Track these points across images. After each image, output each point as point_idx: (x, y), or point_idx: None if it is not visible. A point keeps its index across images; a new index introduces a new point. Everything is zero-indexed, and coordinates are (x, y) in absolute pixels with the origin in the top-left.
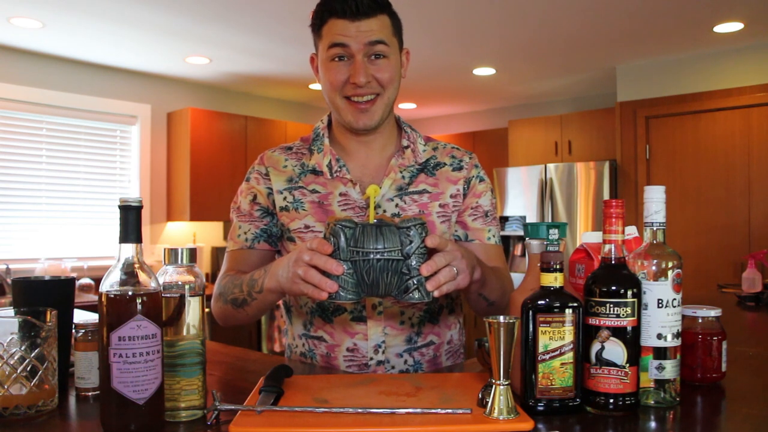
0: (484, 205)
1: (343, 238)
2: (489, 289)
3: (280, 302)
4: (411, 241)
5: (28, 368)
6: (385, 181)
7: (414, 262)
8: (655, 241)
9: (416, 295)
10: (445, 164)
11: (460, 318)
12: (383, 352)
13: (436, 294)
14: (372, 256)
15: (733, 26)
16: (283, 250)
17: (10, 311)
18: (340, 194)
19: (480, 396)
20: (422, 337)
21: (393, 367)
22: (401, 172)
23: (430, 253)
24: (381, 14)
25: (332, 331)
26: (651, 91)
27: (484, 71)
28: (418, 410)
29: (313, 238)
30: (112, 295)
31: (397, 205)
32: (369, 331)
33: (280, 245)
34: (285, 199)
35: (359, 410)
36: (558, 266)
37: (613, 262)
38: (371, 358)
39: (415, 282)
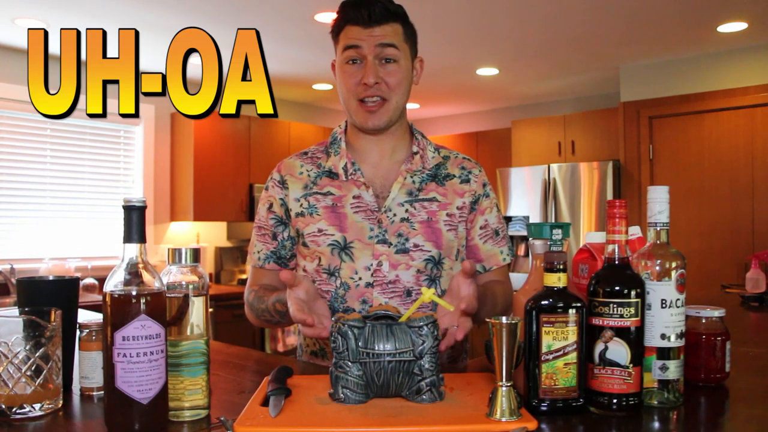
0: (491, 223)
1: (353, 340)
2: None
3: None
4: (423, 341)
5: (33, 368)
6: (394, 185)
7: (427, 363)
8: (658, 242)
9: (426, 397)
10: (455, 176)
11: None
12: None
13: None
14: (383, 357)
15: (737, 26)
16: (299, 254)
17: (15, 311)
18: (354, 197)
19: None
20: None
21: None
22: (410, 176)
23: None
24: (394, 22)
25: None
26: (654, 91)
27: (488, 71)
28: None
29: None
30: (116, 295)
31: (407, 210)
32: None
33: (295, 249)
34: (301, 205)
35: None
36: (561, 266)
37: (616, 262)
38: None
39: (427, 384)
